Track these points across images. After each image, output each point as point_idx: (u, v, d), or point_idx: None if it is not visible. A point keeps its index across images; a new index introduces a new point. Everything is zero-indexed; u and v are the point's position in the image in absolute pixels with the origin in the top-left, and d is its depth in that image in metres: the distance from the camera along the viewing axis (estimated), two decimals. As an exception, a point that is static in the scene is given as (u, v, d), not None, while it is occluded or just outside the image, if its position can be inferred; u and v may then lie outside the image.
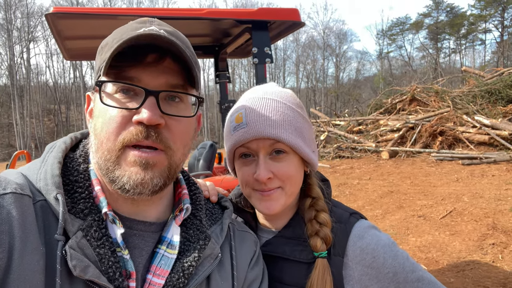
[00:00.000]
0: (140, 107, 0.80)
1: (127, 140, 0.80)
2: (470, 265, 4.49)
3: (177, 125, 0.85)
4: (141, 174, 0.81)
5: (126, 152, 0.81)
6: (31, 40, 49.98)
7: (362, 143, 13.89)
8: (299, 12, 3.19)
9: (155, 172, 0.82)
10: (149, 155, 0.81)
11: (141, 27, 0.85)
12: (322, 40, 60.15)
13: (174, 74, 0.85)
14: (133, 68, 0.81)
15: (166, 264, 0.87)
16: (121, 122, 0.81)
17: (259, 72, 3.14)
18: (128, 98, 0.82)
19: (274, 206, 1.14)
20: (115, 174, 0.81)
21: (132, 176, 0.80)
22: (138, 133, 0.80)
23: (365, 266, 1.10)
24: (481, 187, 7.79)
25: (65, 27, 3.02)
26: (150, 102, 0.80)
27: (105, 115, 0.82)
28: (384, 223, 6.37)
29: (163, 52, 0.82)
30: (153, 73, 0.82)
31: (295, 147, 1.13)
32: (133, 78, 0.81)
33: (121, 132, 0.80)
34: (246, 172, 1.15)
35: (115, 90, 0.83)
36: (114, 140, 0.80)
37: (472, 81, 14.84)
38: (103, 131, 0.82)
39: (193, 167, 4.97)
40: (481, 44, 54.67)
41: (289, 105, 1.16)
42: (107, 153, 0.81)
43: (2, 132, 48.06)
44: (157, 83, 0.82)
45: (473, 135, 11.55)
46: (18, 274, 0.69)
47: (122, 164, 0.81)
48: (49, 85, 55.61)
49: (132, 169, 0.81)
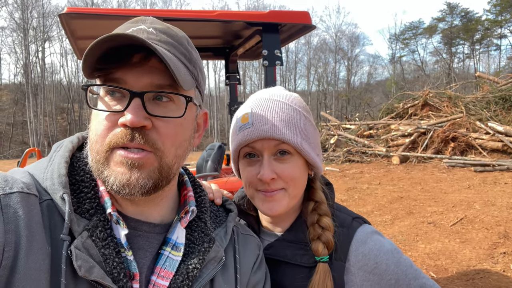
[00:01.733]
0: (125, 110, 0.79)
1: (113, 142, 0.80)
2: (480, 274, 4.41)
3: (166, 126, 0.83)
4: (127, 174, 0.80)
5: (113, 152, 0.81)
6: (46, 40, 50.81)
7: (372, 148, 13.78)
8: (310, 15, 3.19)
9: (142, 173, 0.81)
10: (136, 156, 0.80)
11: (130, 27, 0.84)
12: (334, 43, 59.95)
13: (160, 73, 0.82)
14: (119, 70, 0.81)
15: (170, 266, 0.86)
16: (108, 125, 0.81)
17: (269, 75, 3.14)
18: (116, 101, 0.82)
19: (276, 207, 1.13)
20: (104, 175, 0.81)
21: (118, 176, 0.80)
22: (123, 136, 0.79)
23: (367, 272, 1.09)
24: (493, 194, 7.66)
25: (78, 27, 3.06)
26: (135, 104, 0.79)
27: (96, 118, 0.83)
28: (393, 229, 6.30)
29: (149, 52, 0.80)
30: (138, 73, 0.81)
31: (299, 148, 1.12)
32: (119, 80, 0.81)
33: (108, 135, 0.81)
34: (250, 172, 1.15)
35: (104, 93, 0.83)
36: (102, 142, 0.81)
37: (486, 87, 14.63)
38: (93, 133, 0.83)
39: (201, 168, 4.99)
40: (496, 49, 53.93)
41: (295, 108, 1.16)
42: (96, 155, 0.82)
43: (16, 130, 48.89)
44: (142, 84, 0.81)
45: (486, 141, 11.38)
46: (23, 273, 0.69)
47: (111, 165, 0.81)
48: (63, 84, 56.42)
49: (118, 169, 0.80)
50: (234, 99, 4.25)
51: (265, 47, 3.11)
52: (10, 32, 51.44)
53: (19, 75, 52.22)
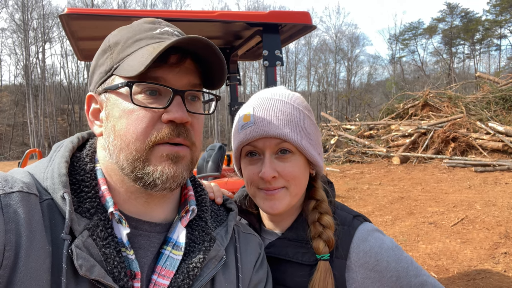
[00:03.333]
0: (168, 106, 0.83)
1: (159, 138, 0.82)
2: (481, 274, 4.41)
3: (198, 122, 0.90)
4: (173, 168, 0.84)
5: (155, 149, 0.83)
6: (46, 41, 50.84)
7: (373, 148, 13.78)
8: (311, 15, 3.19)
9: (183, 165, 0.86)
10: (179, 149, 0.85)
11: (156, 28, 0.87)
12: (334, 43, 59.95)
13: (193, 74, 0.88)
14: (159, 69, 0.82)
15: (171, 265, 0.87)
16: (150, 122, 0.82)
17: (269, 75, 3.14)
18: (152, 99, 0.84)
19: (277, 206, 1.14)
20: (145, 171, 0.82)
21: (165, 170, 0.83)
22: (171, 131, 0.83)
23: (368, 269, 1.09)
24: (494, 195, 7.66)
25: (78, 28, 3.06)
26: (178, 101, 0.83)
27: (131, 116, 0.83)
28: (394, 229, 6.30)
29: (184, 53, 0.85)
30: (177, 73, 0.85)
31: (300, 147, 1.13)
32: (159, 79, 0.83)
33: (151, 132, 0.82)
34: (251, 170, 1.16)
35: (138, 91, 0.83)
36: (144, 139, 0.82)
37: (487, 87, 14.62)
38: (129, 131, 0.82)
39: (202, 168, 4.99)
40: (496, 49, 53.92)
41: (297, 107, 1.17)
42: (135, 153, 0.82)
43: (17, 131, 48.92)
44: (182, 83, 0.85)
45: (486, 141, 11.37)
46: (24, 272, 0.69)
47: (152, 160, 0.83)
48: (63, 85, 56.47)
49: (164, 163, 0.83)
50: (235, 100, 4.25)
51: (266, 48, 3.11)
52: (11, 34, 51.67)
53: (19, 76, 52.29)
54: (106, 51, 0.89)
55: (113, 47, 0.87)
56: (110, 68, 0.86)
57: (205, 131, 53.47)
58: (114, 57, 0.86)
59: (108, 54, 0.88)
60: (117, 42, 0.87)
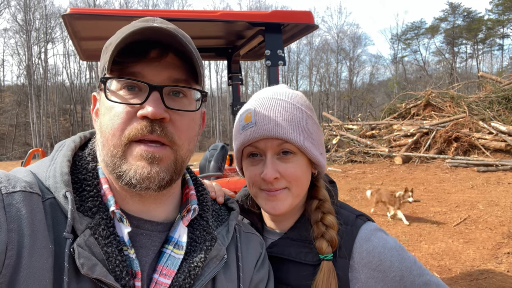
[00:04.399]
0: (144, 102, 0.81)
1: (132, 135, 0.81)
2: (484, 274, 4.39)
3: (181, 119, 0.86)
4: (147, 168, 0.81)
5: (132, 146, 0.82)
6: (49, 41, 50.98)
7: (375, 148, 13.75)
8: (313, 15, 3.18)
9: (161, 166, 0.82)
10: (155, 149, 0.81)
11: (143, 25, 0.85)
12: (336, 43, 59.89)
13: (176, 69, 0.85)
14: (137, 64, 0.82)
15: (172, 264, 0.87)
16: (126, 118, 0.81)
17: (272, 75, 3.13)
18: (132, 94, 0.83)
19: (279, 206, 1.13)
20: (121, 169, 0.81)
21: (138, 170, 0.81)
22: (143, 128, 0.80)
23: (371, 269, 1.09)
24: (497, 194, 7.63)
25: (81, 28, 3.06)
26: (154, 97, 0.81)
27: (110, 112, 0.83)
28: (396, 229, 6.28)
29: (166, 47, 0.82)
30: (156, 68, 0.83)
31: (303, 148, 1.12)
32: (136, 74, 0.82)
33: (126, 128, 0.81)
34: (253, 171, 1.15)
35: (119, 87, 0.83)
36: (120, 135, 0.81)
37: (489, 87, 14.58)
38: (108, 127, 0.83)
39: (204, 168, 4.99)
40: (499, 49, 53.74)
41: (298, 106, 1.16)
42: (113, 149, 0.82)
43: (19, 131, 49.06)
44: (161, 78, 0.83)
45: (489, 141, 11.34)
46: (27, 272, 0.69)
47: (129, 159, 0.82)
48: (66, 85, 56.62)
49: (138, 163, 0.81)
50: (237, 100, 4.24)
51: (268, 47, 3.10)
52: (13, 34, 51.74)
53: (22, 76, 52.43)
54: (104, 51, 0.89)
55: (107, 47, 0.88)
56: (102, 68, 0.87)
57: (207, 130, 53.46)
58: (105, 57, 0.86)
59: (103, 54, 0.89)
60: (110, 42, 0.88)
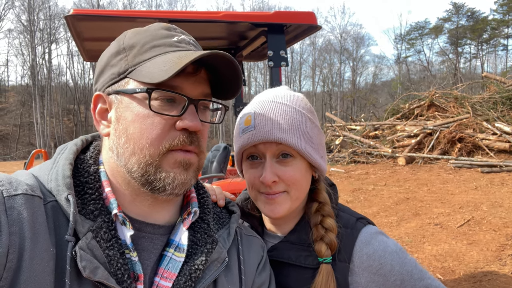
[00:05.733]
0: (183, 115, 0.85)
1: (173, 145, 0.84)
2: (487, 275, 4.37)
3: (206, 130, 0.93)
4: (184, 174, 0.86)
5: (168, 155, 0.85)
6: (53, 42, 51.21)
7: (378, 148, 13.72)
8: (316, 16, 3.18)
9: (192, 172, 0.89)
10: (190, 156, 0.87)
11: (173, 35, 0.89)
12: (339, 44, 59.79)
13: (206, 83, 0.91)
14: (177, 78, 0.83)
15: (173, 267, 0.87)
16: (164, 129, 0.84)
17: (274, 76, 3.13)
18: (168, 106, 0.85)
19: (278, 210, 1.13)
20: (156, 177, 0.84)
21: (177, 176, 0.85)
22: (185, 139, 0.85)
23: (371, 273, 1.08)
24: (501, 196, 7.59)
25: (84, 29, 3.07)
26: (191, 110, 0.86)
27: (145, 121, 0.84)
28: (399, 230, 6.26)
29: (199, 62, 0.86)
30: (193, 83, 0.87)
31: (302, 152, 1.12)
32: (177, 87, 0.85)
33: (165, 138, 0.84)
34: (252, 174, 1.16)
35: (155, 97, 0.84)
36: (158, 145, 0.83)
37: (493, 87, 14.50)
38: (143, 136, 0.83)
39: (207, 169, 4.99)
40: (503, 49, 53.49)
41: (298, 109, 1.15)
42: (149, 158, 0.83)
43: (23, 131, 49.30)
44: (196, 92, 0.87)
45: (493, 142, 11.28)
46: (28, 275, 0.69)
47: (165, 166, 0.85)
48: (69, 85, 56.84)
49: (176, 170, 0.85)
50: (239, 100, 4.24)
51: (271, 48, 3.10)
52: (17, 34, 52.05)
53: (26, 77, 52.73)
54: (120, 52, 0.88)
55: (128, 50, 0.87)
56: (124, 70, 0.86)
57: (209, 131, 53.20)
58: (130, 60, 0.86)
59: (122, 56, 0.87)
60: (133, 45, 0.87)
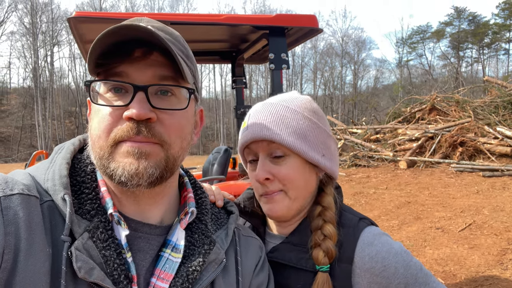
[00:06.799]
0: (130, 104, 0.79)
1: (118, 136, 0.80)
2: (489, 280, 4.35)
3: (170, 118, 0.84)
4: (135, 164, 0.79)
5: (118, 146, 0.81)
6: (55, 44, 51.41)
7: (379, 152, 13.70)
8: (317, 19, 3.18)
9: (149, 162, 0.81)
10: (141, 145, 0.80)
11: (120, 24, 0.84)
12: (341, 47, 59.88)
13: (162, 66, 0.83)
14: (121, 64, 0.81)
15: (170, 268, 0.86)
16: (112, 120, 0.81)
17: (275, 78, 3.14)
18: (118, 96, 0.82)
19: (276, 209, 1.13)
20: (110, 168, 0.81)
21: (126, 167, 0.79)
22: (129, 129, 0.79)
23: (374, 275, 1.05)
24: (502, 200, 7.56)
25: (86, 31, 3.09)
26: (140, 97, 0.79)
27: (98, 115, 0.83)
28: (400, 234, 6.24)
29: (150, 46, 0.81)
30: (140, 67, 0.81)
31: (292, 148, 1.11)
32: (121, 74, 0.81)
33: (112, 130, 0.80)
34: (251, 175, 1.18)
35: (106, 90, 0.83)
36: (106, 137, 0.81)
37: (495, 91, 14.48)
38: (95, 130, 0.83)
39: (208, 171, 4.99)
40: (505, 53, 53.46)
41: (292, 108, 1.16)
42: (99, 150, 0.82)
43: (25, 133, 49.39)
44: (146, 77, 0.81)
45: (494, 146, 11.25)
46: (23, 275, 0.69)
47: (116, 157, 0.81)
48: (71, 88, 56.95)
49: (125, 160, 0.80)
50: (241, 103, 4.25)
51: (272, 51, 3.11)
52: (20, 37, 52.22)
53: (28, 79, 52.87)
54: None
55: None
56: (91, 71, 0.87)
57: (211, 134, 53.55)
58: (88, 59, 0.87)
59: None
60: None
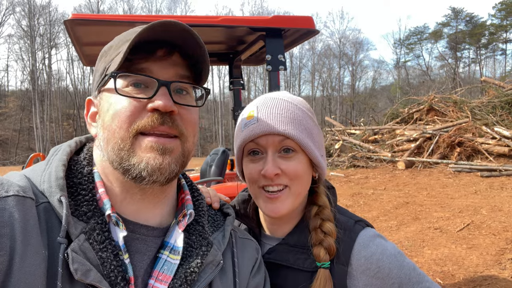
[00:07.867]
0: (154, 97, 0.82)
1: (141, 126, 0.81)
2: (487, 280, 4.35)
3: (188, 114, 0.88)
4: (159, 159, 0.81)
5: (140, 139, 0.82)
6: (53, 47, 51.33)
7: (377, 153, 13.72)
8: (314, 20, 3.19)
9: (172, 157, 0.84)
10: (166, 140, 0.83)
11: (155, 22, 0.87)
12: (338, 48, 59.95)
13: (182, 66, 0.88)
14: (145, 61, 0.84)
15: (169, 269, 0.86)
16: (134, 111, 0.82)
17: (273, 80, 3.14)
18: (139, 90, 0.84)
19: (280, 208, 1.12)
20: (130, 162, 0.81)
21: (150, 161, 0.81)
22: (154, 120, 0.81)
23: (369, 276, 1.07)
24: (500, 200, 7.58)
25: (83, 33, 3.08)
26: (163, 92, 0.83)
27: (116, 106, 0.83)
28: (399, 234, 6.25)
29: (172, 47, 0.85)
30: (164, 65, 0.85)
31: (304, 145, 1.12)
32: (145, 70, 0.84)
33: (135, 120, 0.82)
34: (253, 169, 1.15)
35: (126, 84, 0.84)
36: (128, 127, 0.81)
37: (492, 92, 14.53)
38: (114, 121, 0.82)
39: (205, 173, 4.99)
40: (502, 54, 53.64)
41: (300, 107, 1.17)
42: (120, 142, 0.82)
43: (23, 136, 49.26)
44: (168, 75, 0.85)
45: (492, 146, 11.29)
46: (18, 277, 0.68)
47: (137, 151, 0.82)
48: (69, 90, 56.87)
49: (149, 155, 0.81)
50: (238, 104, 4.25)
51: (269, 52, 3.11)
52: (17, 40, 52.12)
53: (25, 81, 52.77)
54: (102, 56, 0.91)
55: (107, 51, 0.90)
56: (103, 69, 0.88)
57: (209, 135, 53.57)
58: (107, 59, 0.88)
59: (103, 59, 0.90)
60: (110, 46, 0.90)
